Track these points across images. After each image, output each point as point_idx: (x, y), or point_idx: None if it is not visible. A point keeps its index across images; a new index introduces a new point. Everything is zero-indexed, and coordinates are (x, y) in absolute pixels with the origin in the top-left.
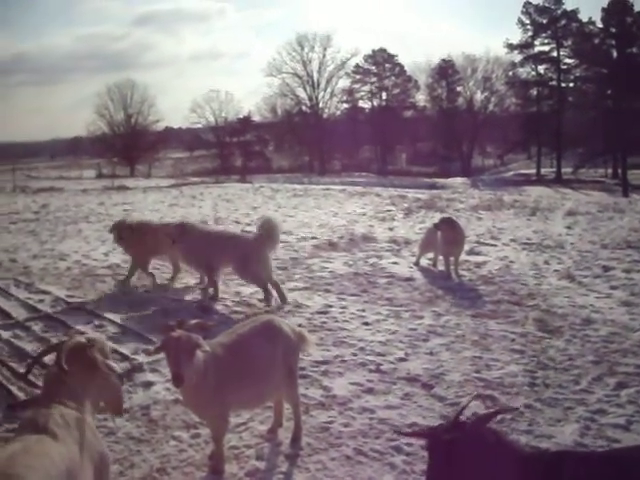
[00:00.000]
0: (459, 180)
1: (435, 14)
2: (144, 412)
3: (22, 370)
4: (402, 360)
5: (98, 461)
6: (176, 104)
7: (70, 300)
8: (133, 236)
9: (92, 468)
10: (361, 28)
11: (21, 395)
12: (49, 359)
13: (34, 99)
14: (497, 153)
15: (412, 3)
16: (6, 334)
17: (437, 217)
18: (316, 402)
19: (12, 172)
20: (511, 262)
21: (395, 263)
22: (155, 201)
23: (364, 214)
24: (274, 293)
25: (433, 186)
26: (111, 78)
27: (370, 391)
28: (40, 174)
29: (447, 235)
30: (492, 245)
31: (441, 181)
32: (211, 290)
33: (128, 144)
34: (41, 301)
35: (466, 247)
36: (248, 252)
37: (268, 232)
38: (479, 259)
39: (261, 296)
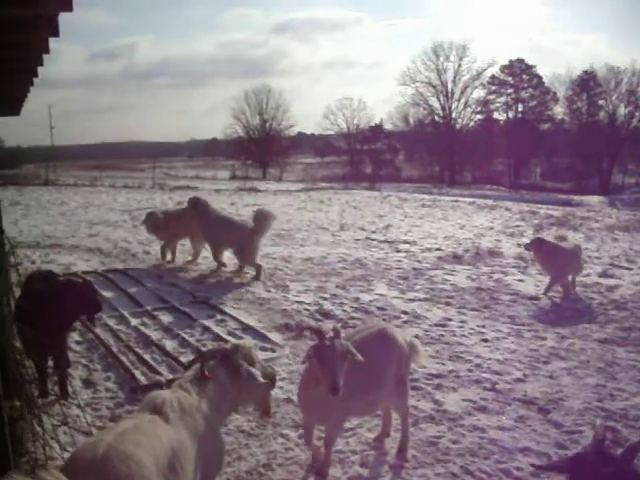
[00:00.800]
0: (596, 198)
1: (578, 25)
2: (256, 408)
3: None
4: (519, 381)
5: (210, 452)
6: (309, 110)
7: (196, 294)
8: (162, 224)
9: (201, 456)
10: (498, 38)
11: (143, 379)
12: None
13: (176, 101)
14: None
15: (554, 14)
16: (135, 321)
17: (570, 236)
18: (426, 415)
19: (153, 170)
20: None
21: (520, 280)
22: (284, 204)
23: (492, 228)
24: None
25: (567, 203)
26: (248, 83)
27: (483, 409)
28: (178, 173)
29: (536, 256)
30: (627, 268)
31: (577, 198)
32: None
33: (262, 148)
34: (169, 293)
35: (598, 269)
36: (245, 239)
37: (261, 223)
38: (611, 282)
39: (379, 304)
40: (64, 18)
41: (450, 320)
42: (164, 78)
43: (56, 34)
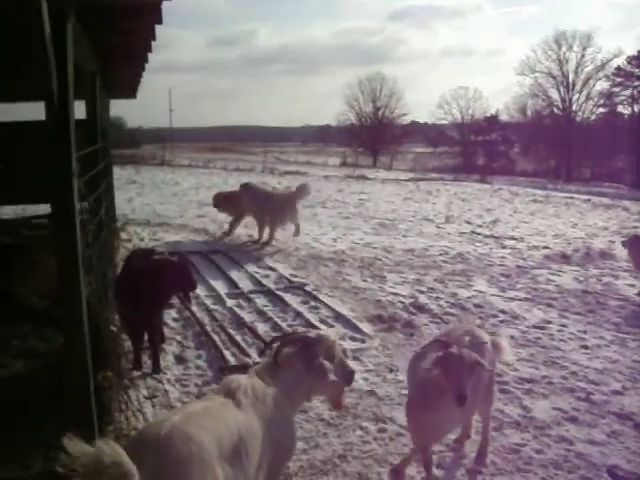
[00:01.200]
0: None
1: None
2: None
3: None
4: (617, 393)
5: (280, 440)
6: (424, 99)
7: (293, 279)
8: (228, 203)
9: (270, 444)
10: (627, 26)
11: (232, 360)
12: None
13: (291, 87)
14: None
15: None
16: (231, 302)
17: None
18: (511, 421)
19: (264, 154)
20: None
21: (632, 285)
22: (391, 193)
23: (606, 228)
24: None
25: None
26: (363, 71)
27: (573, 420)
28: (290, 158)
29: (630, 255)
30: None
31: None
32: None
33: (373, 135)
34: (266, 276)
35: None
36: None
37: (300, 192)
38: None
39: (477, 301)
40: (184, 5)
41: (550, 323)
42: (280, 64)
43: (159, 21)
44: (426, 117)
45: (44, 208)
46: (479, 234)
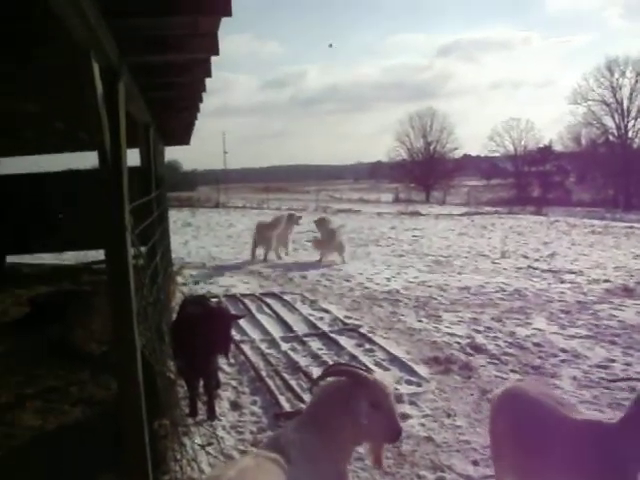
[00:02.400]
0: None
1: None
2: (395, 445)
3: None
4: None
5: None
6: (475, 132)
7: (347, 321)
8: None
9: None
10: None
11: (287, 406)
12: None
13: (342, 126)
14: None
15: None
16: (285, 346)
17: None
18: None
19: (316, 193)
20: None
21: None
22: (445, 228)
23: None
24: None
25: None
26: (413, 107)
27: None
28: (343, 195)
29: None
30: None
31: None
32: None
33: (425, 170)
34: (321, 319)
35: None
36: None
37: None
38: None
39: (536, 340)
40: (240, 50)
41: (614, 361)
42: (331, 104)
43: (209, 75)
44: (478, 150)
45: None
46: (536, 269)
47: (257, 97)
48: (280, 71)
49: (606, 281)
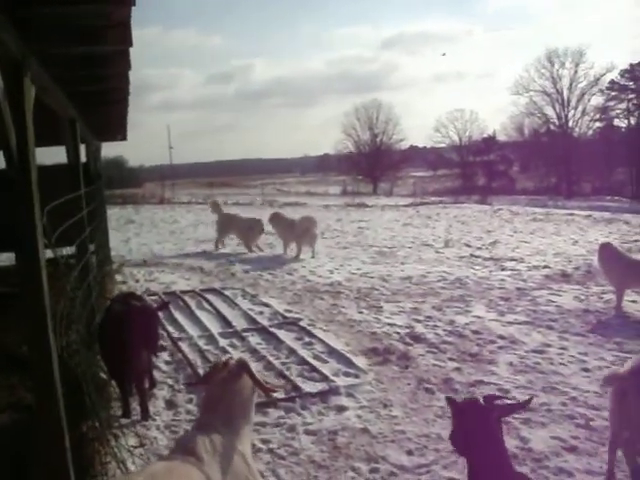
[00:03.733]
0: None
1: None
2: (331, 437)
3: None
4: None
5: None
6: (421, 123)
7: (287, 315)
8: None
9: None
10: (616, 42)
11: None
12: None
13: (289, 119)
14: None
15: None
16: (224, 342)
17: None
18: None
19: (261, 187)
20: None
21: (634, 302)
22: (390, 220)
23: None
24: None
25: None
26: (359, 99)
27: (573, 450)
28: (290, 189)
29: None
30: None
31: None
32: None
33: (372, 162)
34: (261, 313)
35: None
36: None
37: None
38: None
39: (475, 327)
40: (184, 45)
41: (549, 346)
42: (277, 97)
43: (129, 67)
44: (424, 141)
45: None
46: (478, 257)
47: (203, 91)
48: (225, 65)
49: (545, 267)
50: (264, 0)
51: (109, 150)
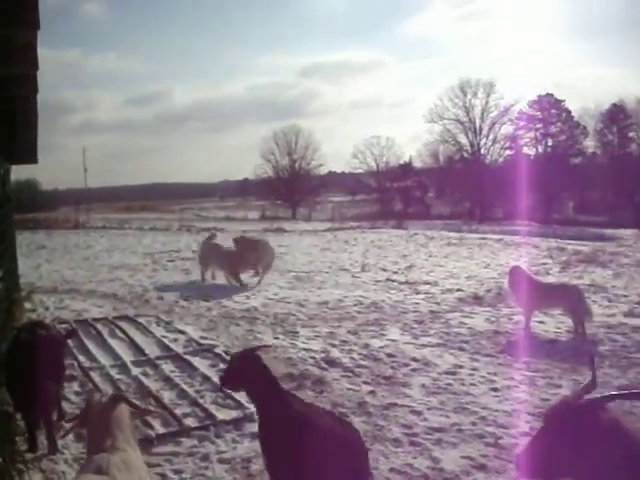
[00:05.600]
0: (629, 231)
1: (603, 59)
2: (245, 465)
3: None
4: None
5: None
6: (339, 149)
7: (202, 342)
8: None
9: None
10: (524, 74)
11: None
12: None
13: (209, 144)
14: None
15: (576, 49)
16: (136, 371)
17: (598, 273)
18: (420, 475)
19: (180, 211)
20: None
21: (542, 322)
22: (309, 245)
23: None
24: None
25: (601, 237)
26: (280, 125)
27: (482, 468)
28: (209, 214)
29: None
30: None
31: (609, 232)
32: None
33: (291, 187)
34: (175, 340)
35: (624, 308)
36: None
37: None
38: (637, 322)
39: (389, 350)
40: (104, 68)
41: (461, 367)
42: (197, 121)
43: (36, 90)
44: (343, 167)
45: None
46: (394, 281)
47: (122, 114)
48: (146, 89)
49: (458, 290)
50: (185, 27)
51: (23, 172)
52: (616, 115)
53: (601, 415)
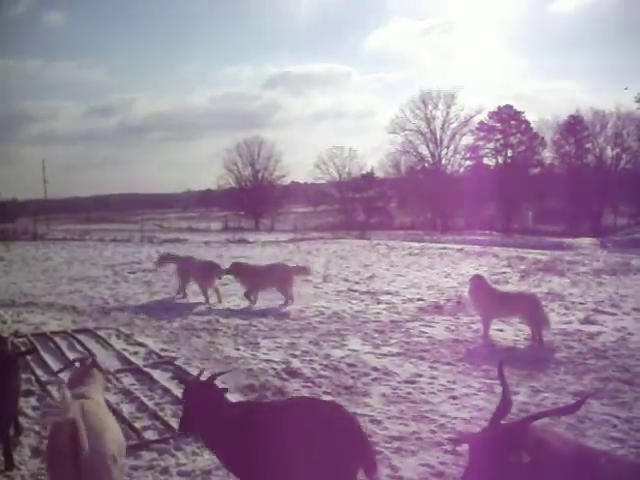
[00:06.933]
0: (587, 240)
1: (561, 71)
2: (204, 477)
3: None
4: None
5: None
6: (302, 160)
7: (163, 354)
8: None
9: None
10: (485, 86)
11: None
12: None
13: (172, 154)
14: (631, 212)
15: (538, 63)
16: None
17: (556, 281)
18: None
19: (141, 222)
20: (630, 334)
21: (500, 330)
22: (271, 256)
23: None
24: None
25: (559, 246)
26: (243, 136)
27: (440, 475)
28: (171, 225)
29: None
30: (611, 314)
31: (568, 241)
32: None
33: (254, 198)
34: (136, 353)
35: (581, 315)
36: None
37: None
38: (593, 329)
39: (350, 360)
40: (66, 78)
41: (421, 376)
42: (160, 131)
43: None
44: (305, 177)
45: None
46: (356, 291)
47: (83, 125)
48: (107, 99)
49: (419, 300)
50: (149, 37)
51: None
52: (573, 127)
53: (524, 438)
